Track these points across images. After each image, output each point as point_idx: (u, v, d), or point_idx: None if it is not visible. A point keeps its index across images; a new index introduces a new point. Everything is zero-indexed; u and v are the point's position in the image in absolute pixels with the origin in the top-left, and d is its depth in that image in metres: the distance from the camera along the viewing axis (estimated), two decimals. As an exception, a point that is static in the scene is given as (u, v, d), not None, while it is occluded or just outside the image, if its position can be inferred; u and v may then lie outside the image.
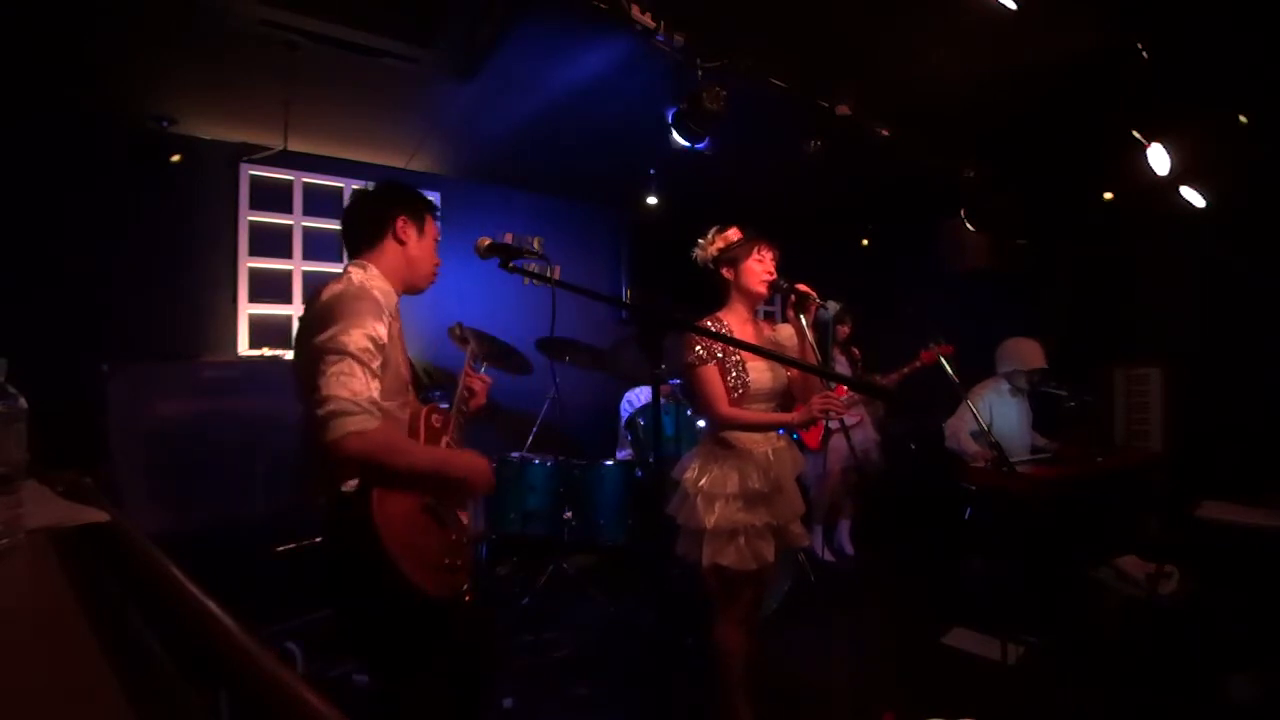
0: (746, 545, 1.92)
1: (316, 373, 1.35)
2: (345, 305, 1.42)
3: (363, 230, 1.62)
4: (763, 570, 1.96)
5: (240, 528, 2.76)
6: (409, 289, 1.67)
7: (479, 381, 1.84)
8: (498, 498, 3.47)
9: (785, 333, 2.17)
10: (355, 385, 1.34)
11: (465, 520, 1.66)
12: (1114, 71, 2.89)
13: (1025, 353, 3.55)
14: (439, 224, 1.76)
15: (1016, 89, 3.12)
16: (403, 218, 1.61)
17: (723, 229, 2.13)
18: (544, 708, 2.47)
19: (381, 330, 1.42)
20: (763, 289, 2.05)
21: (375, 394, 1.38)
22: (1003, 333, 3.68)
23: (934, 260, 5.11)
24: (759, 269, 2.04)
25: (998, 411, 3.56)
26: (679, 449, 3.13)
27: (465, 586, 1.57)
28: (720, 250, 2.10)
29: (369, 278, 1.54)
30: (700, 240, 2.15)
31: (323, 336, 1.37)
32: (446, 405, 1.84)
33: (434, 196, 4.58)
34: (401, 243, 1.62)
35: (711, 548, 1.93)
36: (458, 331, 2.02)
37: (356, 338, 1.37)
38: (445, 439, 1.66)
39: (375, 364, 1.40)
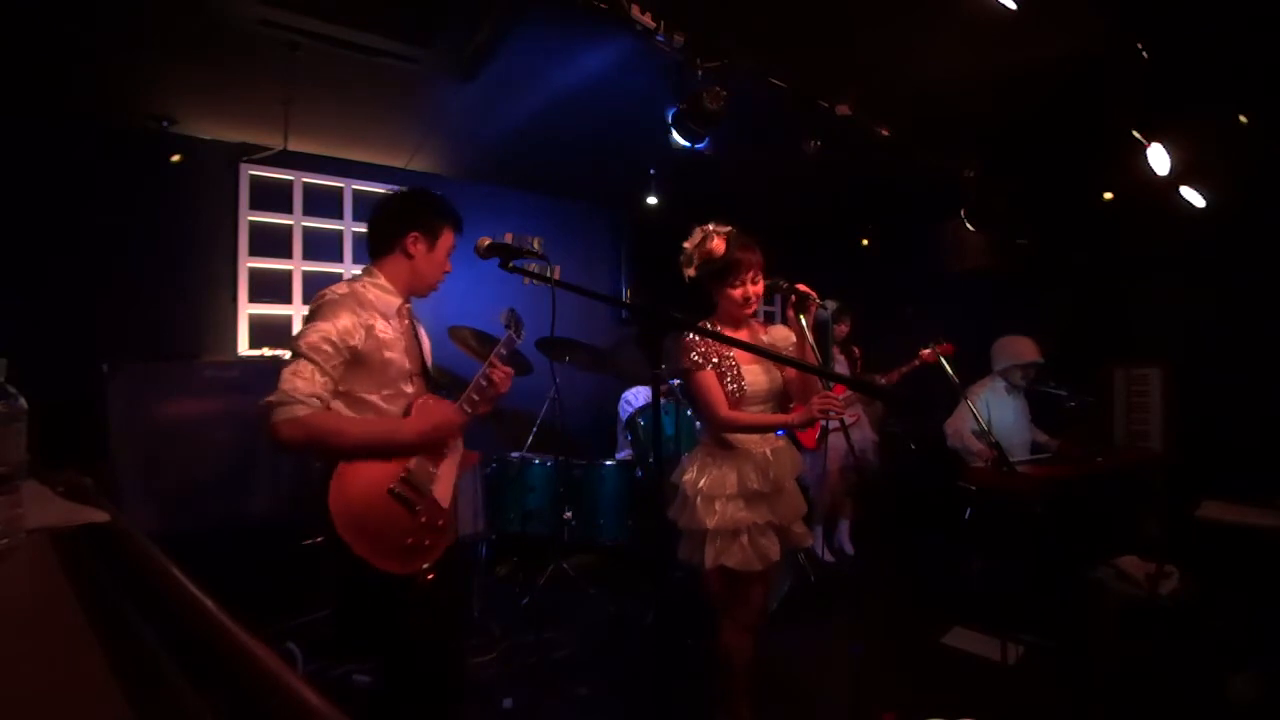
0: (750, 544, 1.92)
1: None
2: (317, 309, 1.59)
3: (377, 238, 1.74)
4: (768, 570, 1.95)
5: (240, 528, 2.76)
6: (413, 294, 1.78)
7: (501, 372, 1.83)
8: (498, 498, 3.47)
9: (778, 334, 2.14)
10: (298, 381, 1.49)
11: (444, 503, 1.71)
12: (1114, 71, 2.89)
13: (1019, 349, 3.55)
14: (458, 235, 1.80)
15: (1016, 89, 3.12)
16: (415, 234, 1.71)
17: (705, 239, 2.02)
18: (544, 708, 2.47)
19: (346, 328, 1.56)
20: (742, 313, 2.00)
21: (320, 388, 1.51)
22: (1003, 333, 3.68)
23: (934, 260, 5.10)
24: (738, 295, 1.96)
25: (994, 410, 3.56)
26: (679, 449, 3.13)
27: (425, 566, 1.63)
28: (699, 268, 2.03)
29: (366, 284, 1.68)
30: (685, 245, 2.05)
31: (294, 336, 1.56)
32: (443, 393, 1.84)
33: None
34: (410, 256, 1.71)
35: (714, 549, 1.92)
36: (506, 317, 2.00)
37: (312, 337, 1.53)
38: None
39: (329, 362, 1.53)
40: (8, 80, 2.73)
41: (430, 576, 1.63)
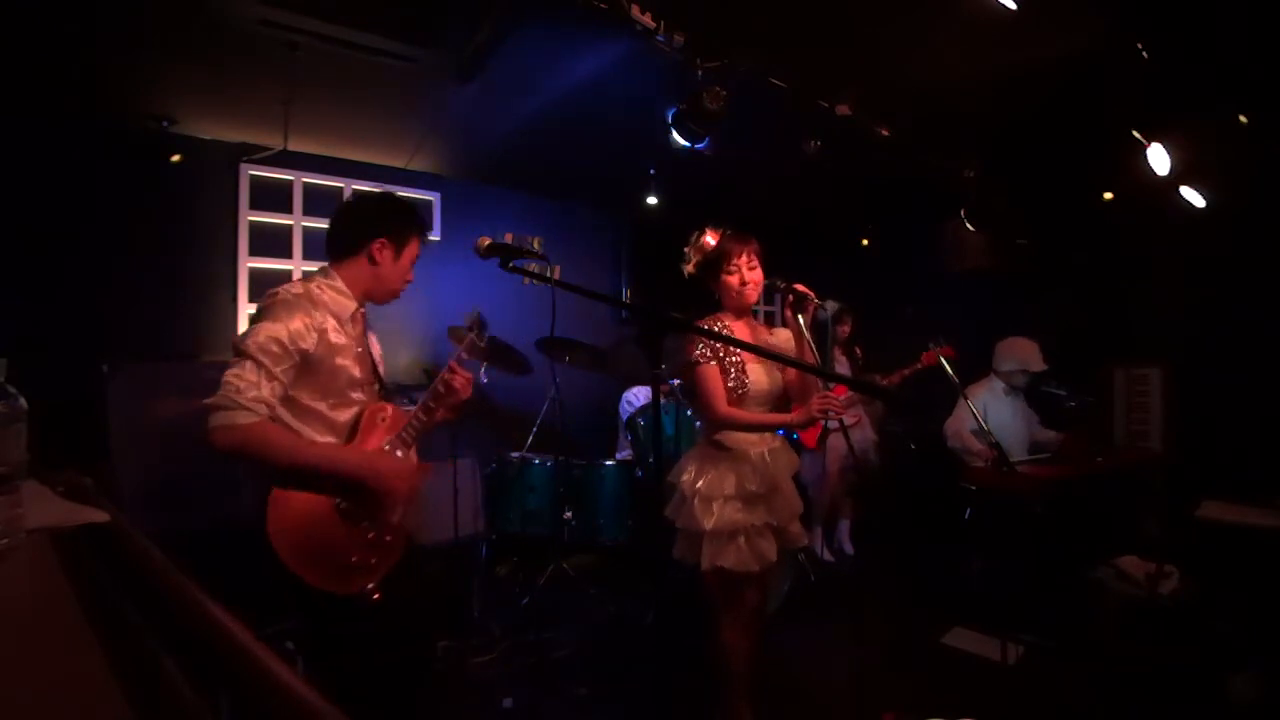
0: (747, 545, 1.92)
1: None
2: (267, 307, 1.51)
3: (341, 240, 1.66)
4: (765, 571, 1.95)
5: (240, 528, 2.75)
6: (371, 300, 1.71)
7: (460, 378, 1.76)
8: (498, 498, 3.47)
9: (782, 336, 2.16)
10: (241, 384, 1.40)
11: (397, 521, 1.64)
12: (1114, 71, 2.89)
13: (1028, 355, 3.54)
14: (424, 243, 1.75)
15: (1016, 89, 3.12)
16: (382, 240, 1.65)
17: (699, 237, 2.09)
18: (544, 708, 2.47)
19: (299, 331, 1.48)
20: (742, 300, 2.02)
21: (266, 393, 1.42)
22: (1003, 333, 3.68)
23: (934, 260, 5.10)
24: (733, 281, 2.01)
25: (992, 410, 3.55)
26: (679, 449, 3.13)
27: (370, 586, 1.55)
28: (697, 264, 2.08)
29: (322, 285, 1.60)
30: (686, 249, 2.12)
31: (240, 335, 1.48)
32: (411, 403, 1.81)
33: (433, 196, 4.59)
34: (375, 263, 1.65)
35: (711, 550, 1.92)
36: (470, 320, 1.89)
37: (260, 338, 1.44)
38: (385, 437, 1.66)
39: (279, 365, 1.45)
40: (8, 80, 2.73)
41: (376, 596, 1.55)
